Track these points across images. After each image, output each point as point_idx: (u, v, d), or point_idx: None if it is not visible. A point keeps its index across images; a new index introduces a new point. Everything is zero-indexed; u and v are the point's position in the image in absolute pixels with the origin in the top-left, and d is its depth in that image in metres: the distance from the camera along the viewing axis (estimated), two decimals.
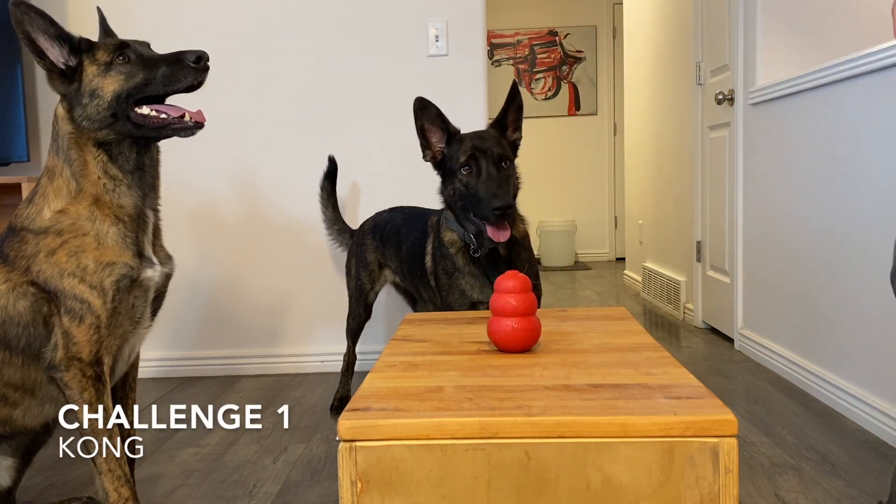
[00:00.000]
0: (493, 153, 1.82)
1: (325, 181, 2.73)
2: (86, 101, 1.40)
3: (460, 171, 1.82)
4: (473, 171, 1.81)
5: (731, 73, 3.15)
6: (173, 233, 2.94)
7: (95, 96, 1.40)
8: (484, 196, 1.76)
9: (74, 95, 1.41)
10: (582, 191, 6.74)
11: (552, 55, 6.66)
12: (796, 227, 2.58)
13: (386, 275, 2.44)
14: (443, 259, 1.92)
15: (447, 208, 1.93)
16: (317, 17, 2.93)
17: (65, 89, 1.42)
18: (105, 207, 1.42)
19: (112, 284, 1.40)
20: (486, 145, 1.83)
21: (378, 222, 2.44)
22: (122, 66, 1.42)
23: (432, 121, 1.90)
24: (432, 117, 1.90)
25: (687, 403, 0.95)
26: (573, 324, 1.47)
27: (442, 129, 1.90)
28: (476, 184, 1.79)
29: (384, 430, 0.92)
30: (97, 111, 1.40)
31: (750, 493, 1.72)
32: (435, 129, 1.91)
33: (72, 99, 1.42)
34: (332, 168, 2.72)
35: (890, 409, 2.01)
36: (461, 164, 1.82)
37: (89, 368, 1.39)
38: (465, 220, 1.87)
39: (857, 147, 2.19)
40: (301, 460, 2.04)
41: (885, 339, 2.03)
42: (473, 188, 1.80)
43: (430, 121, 1.90)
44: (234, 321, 3.02)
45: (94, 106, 1.40)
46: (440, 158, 1.90)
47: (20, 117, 2.77)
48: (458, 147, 1.85)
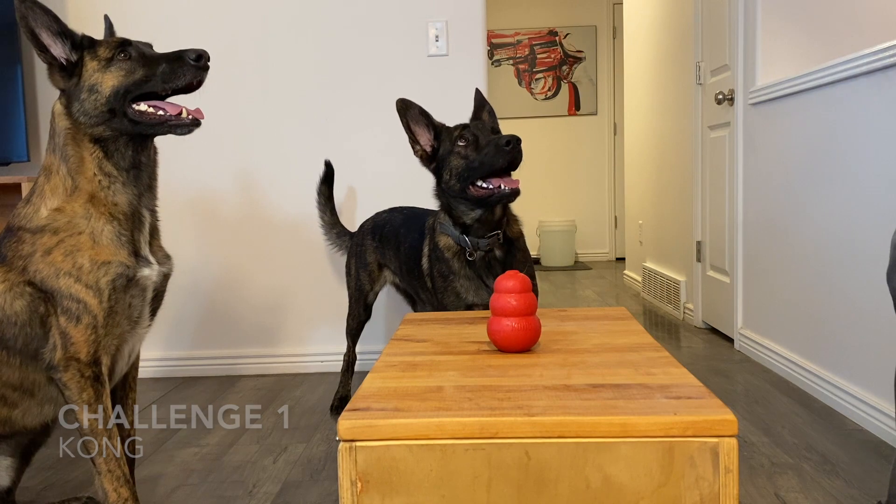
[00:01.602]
0: (486, 127, 1.88)
1: (322, 186, 2.73)
2: (84, 97, 1.40)
3: (456, 146, 1.83)
4: (470, 140, 1.82)
5: (730, 73, 3.15)
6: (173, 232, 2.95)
7: (94, 91, 1.40)
8: (489, 149, 1.77)
9: (73, 90, 1.41)
10: (582, 191, 6.74)
11: (552, 55, 6.66)
12: (796, 227, 2.58)
13: (386, 275, 2.44)
14: (438, 262, 1.92)
15: (442, 210, 1.92)
16: (317, 17, 2.93)
17: (64, 84, 1.42)
18: (100, 205, 1.42)
19: (108, 284, 1.40)
20: (476, 124, 1.89)
21: (377, 223, 2.44)
22: (123, 62, 1.42)
23: (416, 119, 1.91)
24: (416, 116, 1.91)
25: (687, 403, 0.94)
26: (573, 324, 1.47)
27: (427, 125, 1.92)
28: (476, 150, 1.80)
29: (384, 430, 0.92)
30: (94, 106, 1.40)
31: (750, 493, 1.72)
32: (420, 128, 1.92)
33: (70, 94, 1.42)
34: (328, 172, 2.72)
35: (890, 408, 2.01)
36: (456, 137, 1.84)
37: (88, 369, 1.39)
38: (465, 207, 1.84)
39: (857, 147, 2.19)
40: (301, 460, 2.04)
41: (886, 338, 2.03)
42: (474, 155, 1.80)
43: (415, 120, 1.91)
44: (234, 321, 3.02)
45: (91, 101, 1.40)
46: (431, 152, 1.91)
47: (20, 117, 2.77)
48: (449, 133, 1.88)
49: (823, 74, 2.34)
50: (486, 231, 1.85)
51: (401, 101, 1.91)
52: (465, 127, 1.86)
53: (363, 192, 2.97)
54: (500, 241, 1.86)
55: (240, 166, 2.97)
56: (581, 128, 6.71)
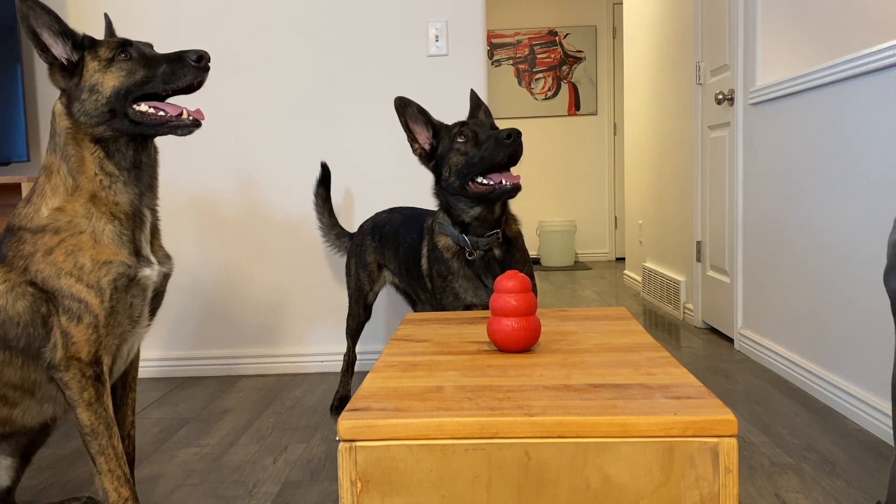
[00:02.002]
0: (485, 123, 1.86)
1: (319, 188, 2.73)
2: (84, 97, 1.41)
3: (455, 142, 1.82)
4: (469, 136, 1.81)
5: (730, 73, 3.15)
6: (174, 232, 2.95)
7: (95, 91, 1.40)
8: (488, 143, 1.75)
9: (74, 90, 1.41)
10: (582, 191, 6.74)
11: (552, 55, 6.66)
12: (796, 227, 2.58)
13: (385, 275, 2.44)
14: (437, 262, 1.91)
15: (441, 209, 1.92)
16: (317, 17, 2.93)
17: (65, 84, 1.42)
18: (101, 205, 1.42)
19: (109, 283, 1.40)
20: (474, 121, 1.88)
21: (377, 223, 2.44)
22: (124, 62, 1.42)
23: (414, 118, 1.90)
24: (414, 114, 1.90)
25: (687, 403, 0.94)
26: (573, 324, 1.47)
27: (426, 123, 1.91)
28: (476, 146, 1.79)
29: (384, 430, 0.92)
30: (95, 106, 1.40)
31: (750, 493, 1.72)
32: (419, 126, 1.91)
33: (71, 94, 1.42)
34: (324, 174, 2.72)
35: (890, 408, 2.01)
36: (455, 134, 1.83)
37: (89, 368, 1.39)
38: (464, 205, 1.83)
39: (857, 147, 2.19)
40: (301, 460, 2.04)
41: (886, 338, 2.03)
42: (473, 151, 1.79)
43: (413, 118, 1.90)
44: (234, 321, 3.02)
45: (92, 101, 1.40)
46: (429, 150, 1.91)
47: (20, 117, 2.77)
48: (448, 131, 1.87)
49: (823, 74, 2.34)
50: (486, 230, 1.84)
51: (399, 100, 1.90)
52: (463, 124, 1.86)
53: (362, 192, 2.97)
54: (499, 241, 1.85)
55: (240, 166, 2.97)
56: (581, 128, 6.72)
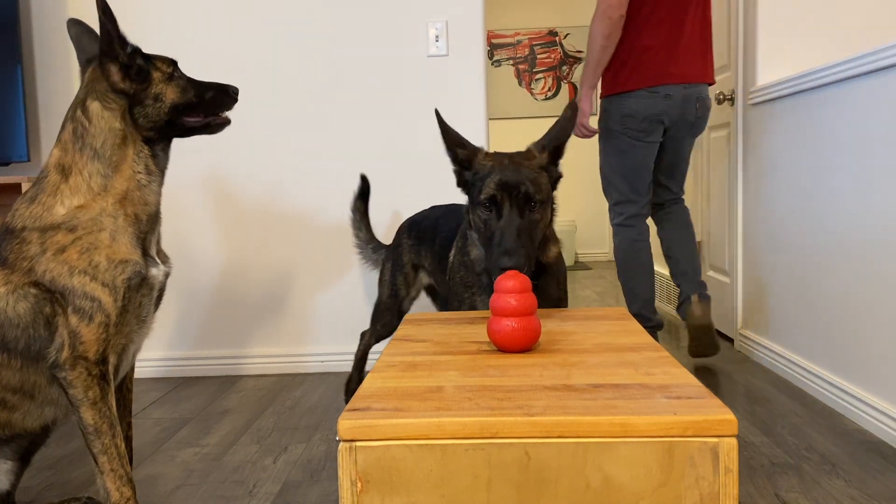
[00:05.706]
0: (521, 193, 1.55)
1: (358, 201, 2.58)
2: (149, 103, 1.50)
3: (480, 206, 1.60)
4: (493, 212, 1.57)
5: (731, 73, 3.15)
6: (175, 233, 2.95)
7: (159, 100, 1.51)
8: (495, 248, 1.54)
9: (140, 95, 1.49)
10: (582, 191, 6.73)
11: (552, 55, 6.66)
12: (796, 227, 2.58)
13: (421, 278, 2.34)
14: (464, 268, 1.80)
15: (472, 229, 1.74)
16: (317, 17, 2.93)
17: (128, 87, 1.48)
18: (130, 204, 1.46)
19: (124, 282, 1.41)
20: (515, 179, 1.56)
21: (415, 220, 2.36)
22: (179, 79, 1.55)
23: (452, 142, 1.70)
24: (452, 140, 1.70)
25: (687, 403, 0.95)
26: (573, 324, 1.47)
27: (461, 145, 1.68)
28: (493, 228, 1.57)
29: (384, 430, 0.92)
30: (157, 113, 1.51)
31: (750, 493, 1.72)
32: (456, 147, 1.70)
33: (134, 97, 1.49)
34: (364, 187, 2.58)
35: (890, 409, 2.01)
36: (481, 200, 1.58)
37: (95, 367, 1.40)
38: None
39: (857, 147, 2.19)
40: (301, 460, 2.04)
41: (886, 338, 2.03)
42: (489, 232, 1.58)
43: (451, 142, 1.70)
44: (234, 321, 3.02)
45: (155, 108, 1.51)
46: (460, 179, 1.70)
47: (20, 117, 2.77)
48: (483, 176, 1.60)
49: (823, 74, 2.34)
50: None
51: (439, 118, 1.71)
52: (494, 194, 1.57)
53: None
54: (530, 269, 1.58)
55: (240, 167, 2.97)
56: None
